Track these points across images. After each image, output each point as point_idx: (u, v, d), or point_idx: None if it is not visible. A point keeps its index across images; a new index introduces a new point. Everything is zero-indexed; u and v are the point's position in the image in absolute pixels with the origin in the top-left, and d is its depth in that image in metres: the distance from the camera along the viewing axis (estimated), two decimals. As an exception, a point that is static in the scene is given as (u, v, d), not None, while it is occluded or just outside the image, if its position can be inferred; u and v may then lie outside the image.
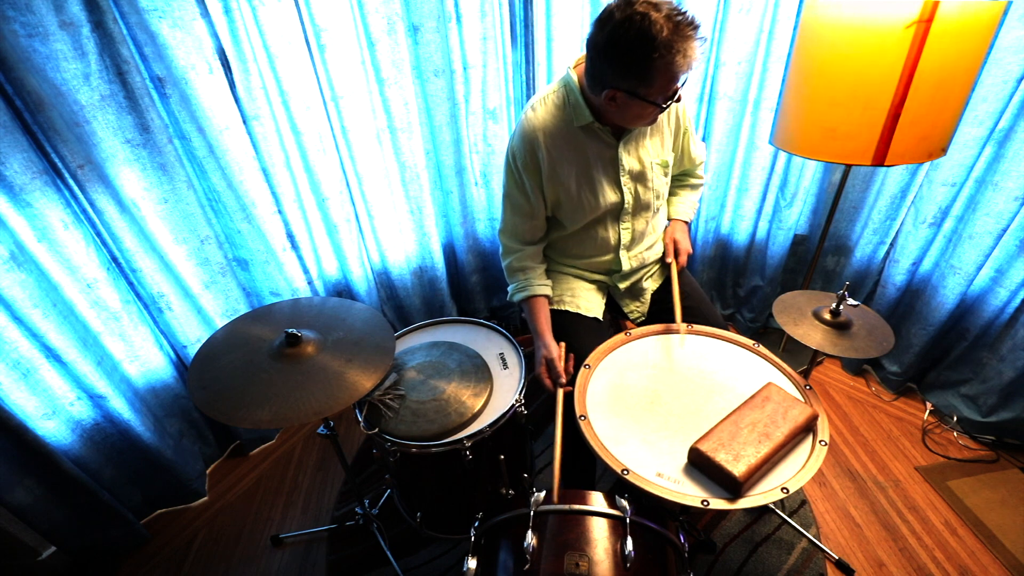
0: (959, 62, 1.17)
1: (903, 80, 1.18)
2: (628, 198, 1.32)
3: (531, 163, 1.25)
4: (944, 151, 1.34)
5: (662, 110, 1.10)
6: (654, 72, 1.00)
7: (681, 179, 1.55)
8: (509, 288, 1.42)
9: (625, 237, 1.38)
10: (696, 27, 0.98)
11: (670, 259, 1.45)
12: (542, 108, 1.24)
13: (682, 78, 1.05)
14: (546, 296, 1.39)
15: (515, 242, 1.38)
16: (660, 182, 1.35)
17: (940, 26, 1.11)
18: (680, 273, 1.45)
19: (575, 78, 1.19)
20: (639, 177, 1.31)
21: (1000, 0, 1.14)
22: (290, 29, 1.52)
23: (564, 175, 1.26)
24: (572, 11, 1.69)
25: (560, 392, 1.19)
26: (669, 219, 1.53)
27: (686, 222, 1.54)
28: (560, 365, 1.23)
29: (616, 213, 1.35)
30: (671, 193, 1.55)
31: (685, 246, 1.47)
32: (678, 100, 1.11)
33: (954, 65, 1.17)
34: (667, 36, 0.95)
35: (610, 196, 1.30)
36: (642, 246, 1.43)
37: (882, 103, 1.22)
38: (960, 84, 1.21)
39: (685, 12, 0.98)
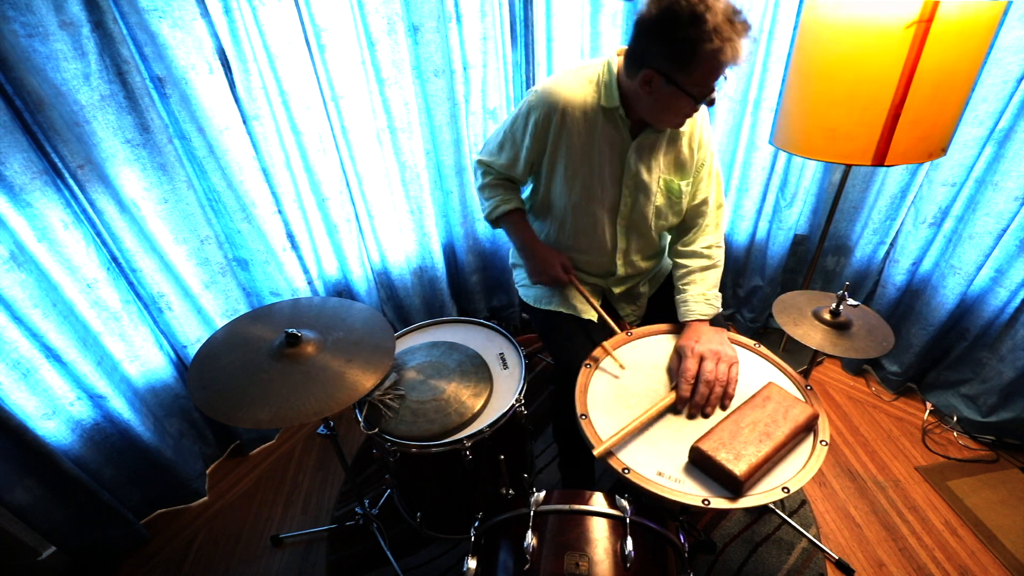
0: (959, 62, 1.17)
1: (903, 80, 1.18)
2: (627, 201, 1.28)
3: (542, 129, 1.23)
4: (944, 151, 1.34)
5: (695, 106, 1.08)
6: (699, 58, 0.98)
7: (685, 264, 1.31)
8: (485, 206, 1.40)
9: (621, 243, 1.35)
10: (749, 27, 0.98)
11: (684, 390, 1.09)
12: (575, 78, 1.21)
13: (721, 77, 1.03)
14: (523, 211, 1.41)
15: (499, 166, 1.37)
16: (662, 200, 1.29)
17: (940, 26, 1.11)
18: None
19: (616, 63, 1.17)
20: (642, 187, 1.26)
21: (1000, 0, 1.14)
22: (290, 29, 1.52)
23: (572, 146, 1.23)
24: (572, 11, 1.69)
25: (575, 282, 1.33)
26: (688, 322, 1.24)
27: (709, 321, 1.23)
28: (571, 265, 1.34)
29: (613, 214, 1.31)
30: (677, 289, 1.30)
31: (726, 382, 1.10)
32: (711, 103, 1.08)
33: (954, 65, 1.17)
34: (721, 22, 0.94)
35: (609, 189, 1.26)
36: (638, 256, 1.39)
37: (882, 103, 1.22)
38: (960, 84, 1.21)
39: (741, 11, 0.97)
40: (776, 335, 2.29)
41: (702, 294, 1.26)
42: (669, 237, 1.46)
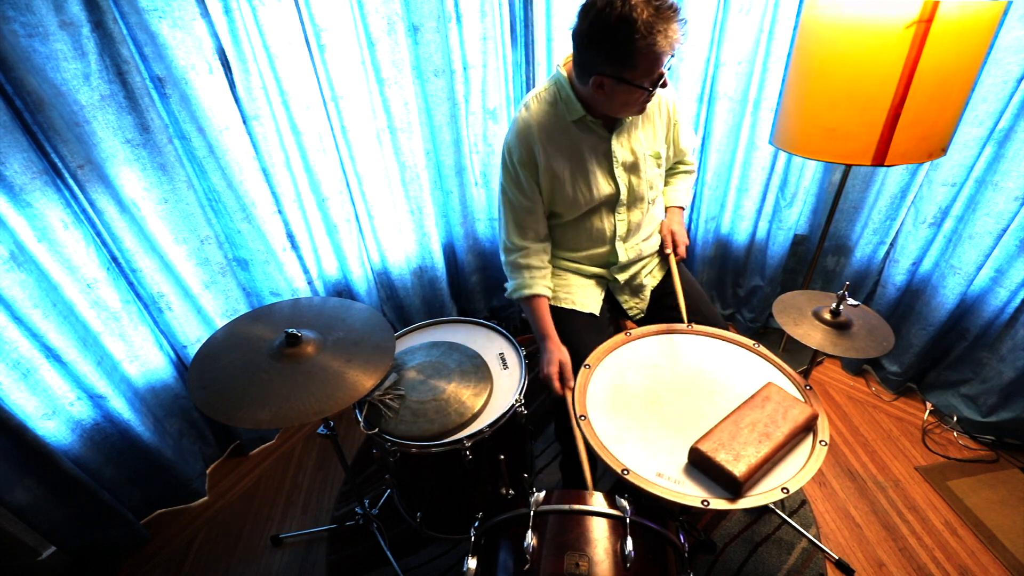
0: (959, 62, 1.17)
1: (903, 80, 1.18)
2: (623, 189, 1.33)
3: (527, 158, 1.27)
4: (944, 151, 1.34)
5: (649, 95, 1.13)
6: (637, 54, 1.03)
7: (672, 167, 1.57)
8: (508, 285, 1.40)
9: (621, 228, 1.38)
10: (676, 9, 1.02)
11: (668, 250, 1.47)
12: (535, 104, 1.26)
13: (666, 61, 1.07)
14: (547, 296, 1.39)
15: (518, 239, 1.37)
16: (653, 173, 1.36)
17: (940, 26, 1.11)
18: (679, 267, 1.46)
19: (564, 74, 1.23)
20: (632, 168, 1.32)
21: (1000, 0, 1.14)
22: (290, 29, 1.52)
23: (559, 169, 1.27)
24: (572, 11, 1.68)
25: (570, 396, 1.20)
26: (666, 208, 1.54)
27: (682, 209, 1.55)
28: (570, 370, 1.24)
29: (611, 204, 1.35)
30: (665, 183, 1.55)
31: (683, 238, 1.49)
32: (663, 85, 1.12)
33: (954, 65, 1.17)
34: (648, 18, 0.99)
35: (604, 188, 1.31)
36: (638, 237, 1.43)
37: (882, 103, 1.22)
38: (960, 84, 1.21)
39: None
40: (776, 335, 2.28)
41: (685, 189, 1.58)
42: (662, 203, 1.53)
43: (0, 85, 1.19)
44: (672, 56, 1.07)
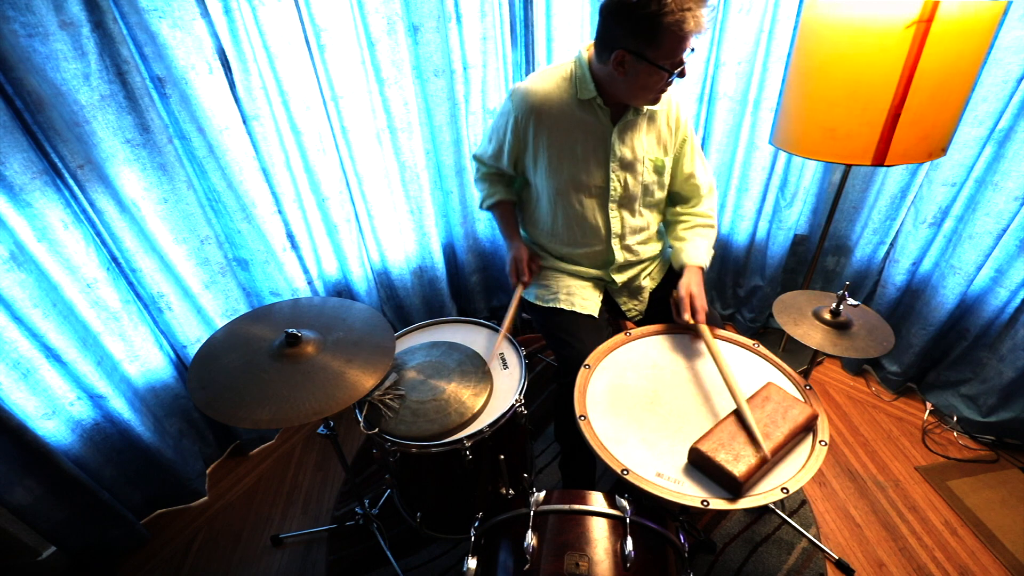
0: (959, 62, 1.17)
1: (903, 80, 1.18)
2: (616, 185, 1.33)
3: (521, 129, 1.31)
4: (944, 151, 1.34)
5: (667, 82, 1.14)
6: (663, 31, 1.03)
7: (688, 219, 1.43)
8: (480, 196, 1.53)
9: (615, 225, 1.38)
10: None
11: (686, 315, 1.26)
12: (548, 77, 1.29)
13: (688, 48, 1.08)
14: (512, 202, 1.52)
15: (495, 161, 1.44)
16: (650, 177, 1.35)
17: (940, 26, 1.11)
18: (714, 341, 1.23)
19: (585, 55, 1.24)
20: (628, 167, 1.32)
21: (1000, 0, 1.14)
22: (290, 29, 1.52)
23: (553, 141, 1.30)
24: (572, 11, 1.69)
25: (519, 288, 1.44)
26: (683, 265, 1.36)
27: (701, 269, 1.35)
28: (524, 264, 1.43)
29: (603, 198, 1.35)
30: (678, 237, 1.42)
31: (702, 303, 1.27)
32: (681, 75, 1.13)
33: (954, 65, 1.17)
34: None
35: (595, 174, 1.32)
36: (634, 239, 1.42)
37: (882, 103, 1.22)
38: (960, 84, 1.21)
39: None
40: (776, 335, 2.28)
41: (706, 248, 1.40)
42: (661, 220, 1.50)
43: (0, 85, 1.19)
44: (692, 51, 1.09)
